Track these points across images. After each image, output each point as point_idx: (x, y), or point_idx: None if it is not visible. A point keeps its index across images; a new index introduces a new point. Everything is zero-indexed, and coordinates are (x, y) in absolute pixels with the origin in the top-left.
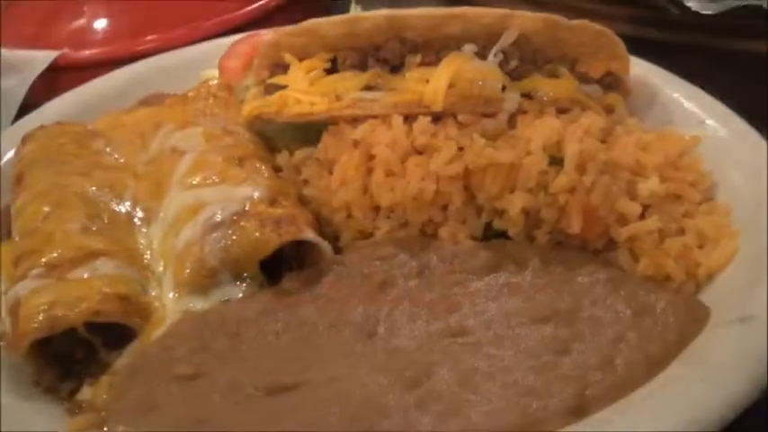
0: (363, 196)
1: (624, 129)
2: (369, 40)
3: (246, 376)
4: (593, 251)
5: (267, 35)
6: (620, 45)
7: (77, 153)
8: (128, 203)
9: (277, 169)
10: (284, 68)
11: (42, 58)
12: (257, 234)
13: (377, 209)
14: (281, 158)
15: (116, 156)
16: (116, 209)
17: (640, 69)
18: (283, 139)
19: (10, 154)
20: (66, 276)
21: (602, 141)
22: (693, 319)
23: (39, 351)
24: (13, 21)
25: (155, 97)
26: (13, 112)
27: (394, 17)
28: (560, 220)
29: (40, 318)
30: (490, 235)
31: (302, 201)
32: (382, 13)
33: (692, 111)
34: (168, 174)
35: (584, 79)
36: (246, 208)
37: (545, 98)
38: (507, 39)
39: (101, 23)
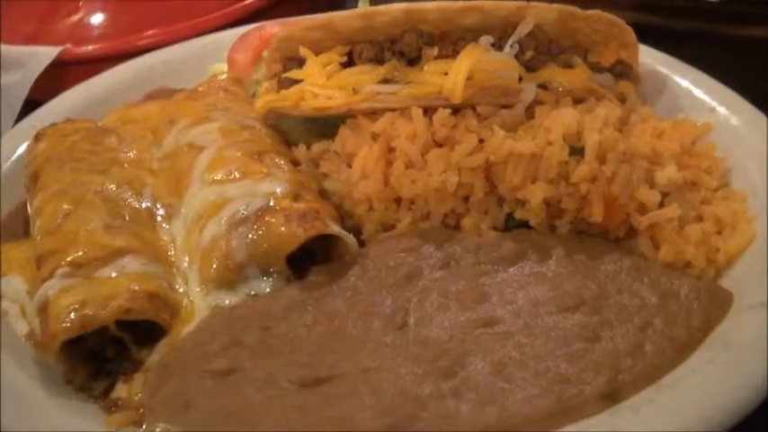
0: (384, 188)
1: (638, 117)
2: (385, 33)
3: (280, 370)
4: (614, 239)
5: (274, 27)
6: (631, 33)
7: (92, 150)
8: (148, 200)
9: (295, 163)
10: (297, 62)
11: (45, 54)
12: (283, 229)
13: (398, 200)
14: (299, 152)
15: (129, 152)
16: (136, 206)
17: (648, 57)
18: (296, 131)
19: (21, 150)
20: (93, 275)
21: (619, 130)
22: (717, 305)
23: (70, 350)
24: (11, 19)
25: (161, 91)
26: (17, 108)
27: (411, 11)
28: (581, 209)
29: (71, 317)
30: (512, 225)
31: (323, 194)
32: (399, 6)
33: (701, 98)
34: (187, 169)
35: (595, 68)
36: (271, 203)
37: (560, 88)
38: (523, 30)
39: (98, 19)
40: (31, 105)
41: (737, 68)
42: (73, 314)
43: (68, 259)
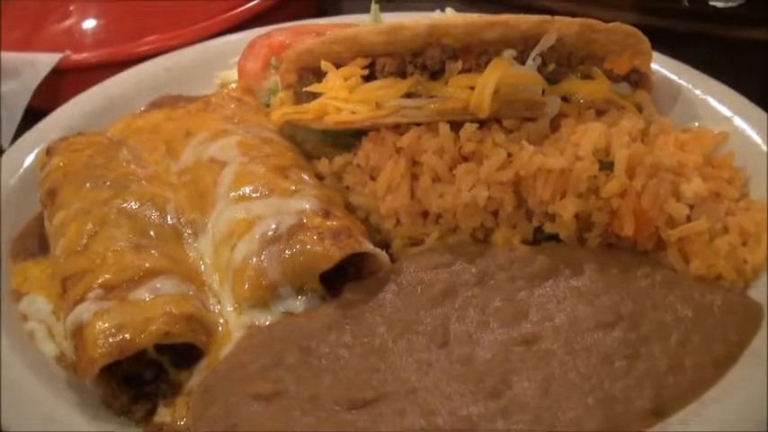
0: (411, 202)
1: (658, 128)
2: (407, 46)
3: (325, 392)
4: (643, 252)
5: (281, 35)
6: (646, 42)
7: (107, 165)
8: (172, 217)
9: (318, 176)
10: (313, 72)
11: (45, 61)
12: (317, 248)
13: (424, 215)
14: (322, 165)
15: (145, 166)
16: (161, 223)
17: (658, 63)
18: (311, 141)
19: (28, 162)
20: (128, 298)
21: (641, 141)
22: (750, 317)
23: (107, 374)
24: (3, 24)
25: (166, 99)
26: (18, 116)
27: (436, 26)
28: (611, 222)
29: (110, 342)
30: (540, 238)
31: (349, 208)
32: (424, 21)
33: (715, 106)
34: (210, 185)
35: (611, 77)
36: (302, 221)
37: (581, 100)
38: (546, 43)
39: (94, 24)
40: (29, 113)
41: (735, 70)
42: (111, 339)
43: (99, 281)
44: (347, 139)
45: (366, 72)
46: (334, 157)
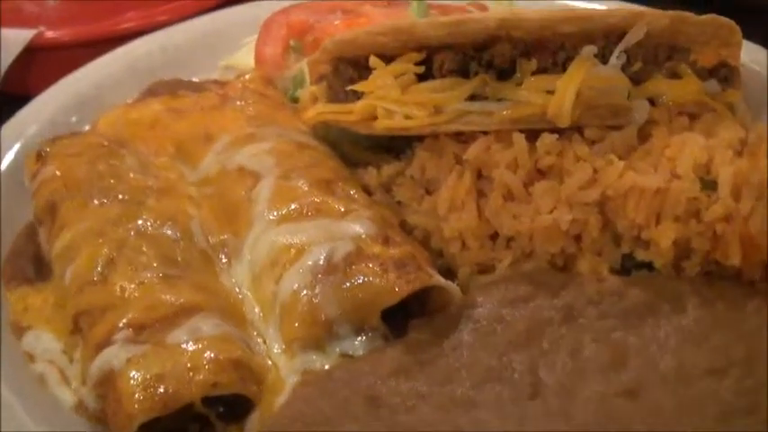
0: (479, 223)
1: (755, 136)
2: (471, 40)
3: None
4: (749, 282)
5: (301, 13)
6: (738, 33)
7: (113, 174)
8: (199, 238)
9: (365, 189)
10: (352, 64)
11: (15, 39)
12: (380, 281)
13: (493, 237)
14: (369, 176)
15: (155, 174)
16: (188, 246)
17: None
18: (346, 143)
19: (9, 160)
20: (164, 341)
21: (739, 153)
22: None
23: (146, 430)
24: None
25: (163, 85)
26: None
27: (507, 20)
28: (714, 249)
29: (150, 395)
30: (630, 266)
31: (403, 228)
32: (494, 15)
33: None
34: (241, 200)
35: (698, 73)
36: (361, 248)
37: (670, 103)
38: (632, 38)
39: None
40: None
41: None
42: (151, 391)
43: (126, 320)
44: (389, 141)
45: (421, 69)
46: (382, 166)
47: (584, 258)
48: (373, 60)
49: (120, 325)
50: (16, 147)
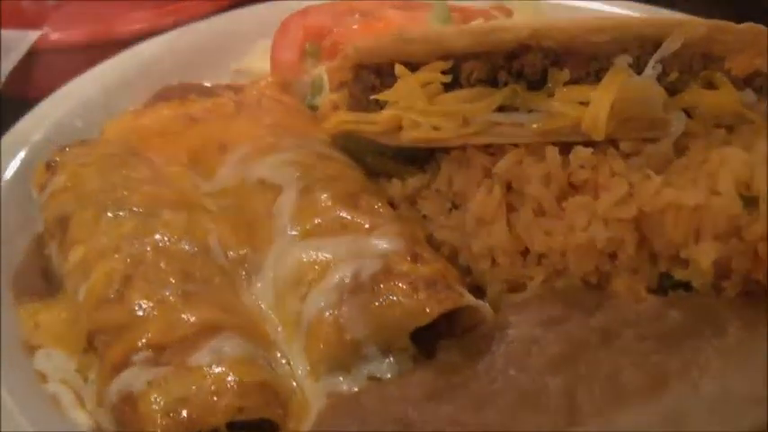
0: (509, 239)
1: None
2: (500, 48)
3: None
4: None
5: (320, 15)
6: None
7: (126, 185)
8: (217, 253)
9: (389, 201)
10: (375, 72)
11: (19, 40)
12: (410, 301)
13: (524, 253)
14: (394, 189)
15: (167, 184)
16: (206, 262)
17: None
18: (365, 152)
19: (14, 168)
20: (186, 362)
21: None
22: None
23: None
24: None
25: (174, 89)
26: None
27: (539, 30)
28: (755, 269)
29: (174, 420)
30: (667, 285)
31: (430, 243)
32: (525, 24)
33: None
34: (262, 214)
35: (733, 82)
36: (389, 267)
37: (707, 114)
38: (668, 48)
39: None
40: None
41: None
42: (174, 415)
43: (145, 340)
44: (412, 150)
45: (448, 78)
46: (407, 179)
47: (619, 277)
48: (399, 69)
49: (139, 345)
50: (21, 154)
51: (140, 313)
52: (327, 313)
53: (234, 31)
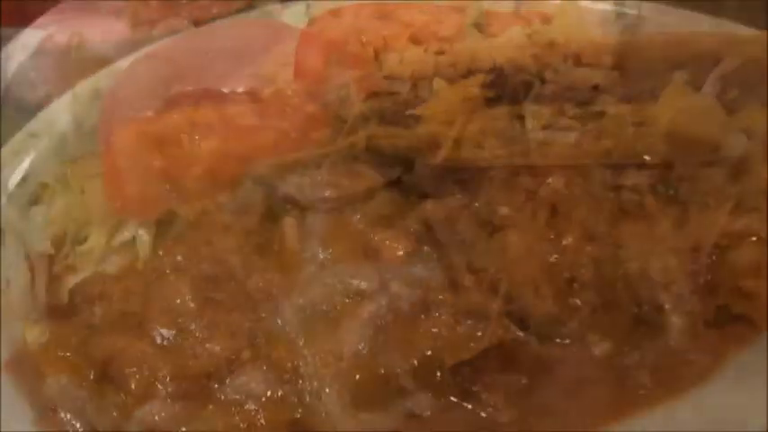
0: (555, 267)
1: None
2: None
3: None
4: None
5: (342, 19)
6: None
7: None
8: (239, 276)
9: (425, 224)
10: (408, 82)
11: (22, 41)
12: (451, 334)
13: (570, 282)
14: (430, 210)
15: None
16: (228, 285)
17: None
18: (399, 170)
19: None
20: (211, 397)
21: None
22: None
23: None
24: None
25: (185, 96)
26: None
27: (588, 46)
28: None
29: None
30: (723, 319)
31: (470, 270)
32: (575, 39)
33: None
34: (287, 234)
35: None
36: (428, 296)
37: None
38: (728, 65)
39: None
40: None
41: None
42: None
43: (166, 372)
44: (455, 171)
45: (490, 93)
46: (444, 199)
47: (674, 310)
48: (437, 82)
49: (160, 376)
50: (26, 162)
51: (160, 342)
52: (362, 345)
53: (251, 34)
